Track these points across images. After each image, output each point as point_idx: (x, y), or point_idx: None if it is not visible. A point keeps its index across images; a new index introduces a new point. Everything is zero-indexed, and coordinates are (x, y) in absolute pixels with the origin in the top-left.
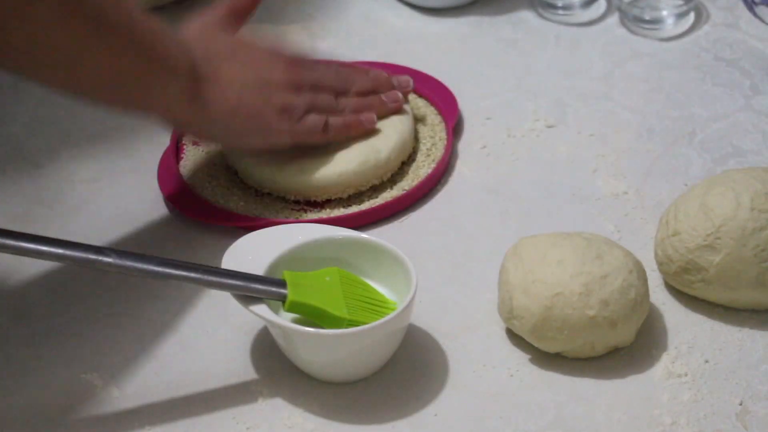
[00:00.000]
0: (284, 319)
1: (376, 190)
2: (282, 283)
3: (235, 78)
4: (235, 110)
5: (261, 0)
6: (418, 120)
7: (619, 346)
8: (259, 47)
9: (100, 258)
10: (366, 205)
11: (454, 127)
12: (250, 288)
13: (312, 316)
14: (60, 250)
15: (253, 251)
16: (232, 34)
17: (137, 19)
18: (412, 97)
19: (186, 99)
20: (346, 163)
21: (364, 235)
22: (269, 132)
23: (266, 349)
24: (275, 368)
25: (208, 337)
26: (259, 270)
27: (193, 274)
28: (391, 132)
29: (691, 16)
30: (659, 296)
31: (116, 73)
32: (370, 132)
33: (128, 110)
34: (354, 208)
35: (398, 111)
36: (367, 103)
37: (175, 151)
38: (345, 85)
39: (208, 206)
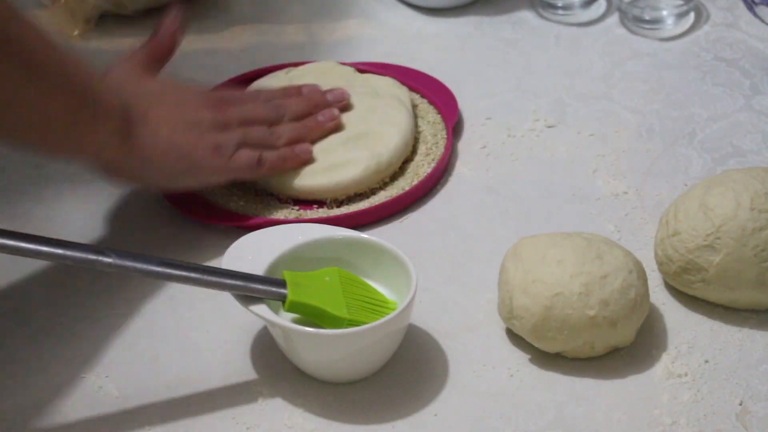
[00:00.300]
0: (284, 319)
1: (375, 189)
2: (282, 283)
3: (165, 119)
4: (166, 151)
5: (178, 46)
6: (418, 119)
7: (619, 346)
8: (186, 89)
9: (100, 258)
10: (365, 204)
11: (454, 127)
12: (250, 288)
13: (312, 316)
14: (60, 251)
15: (253, 251)
16: (154, 76)
17: (68, 62)
18: (412, 96)
19: (117, 141)
20: (346, 172)
21: (364, 235)
22: (201, 171)
23: (266, 349)
24: (275, 368)
25: (208, 337)
26: (259, 270)
27: (193, 274)
28: (393, 132)
29: (691, 16)
30: (659, 296)
31: (47, 116)
32: (375, 132)
33: (57, 155)
34: (354, 208)
35: (337, 128)
36: (303, 129)
37: None
38: (277, 113)
39: (208, 206)
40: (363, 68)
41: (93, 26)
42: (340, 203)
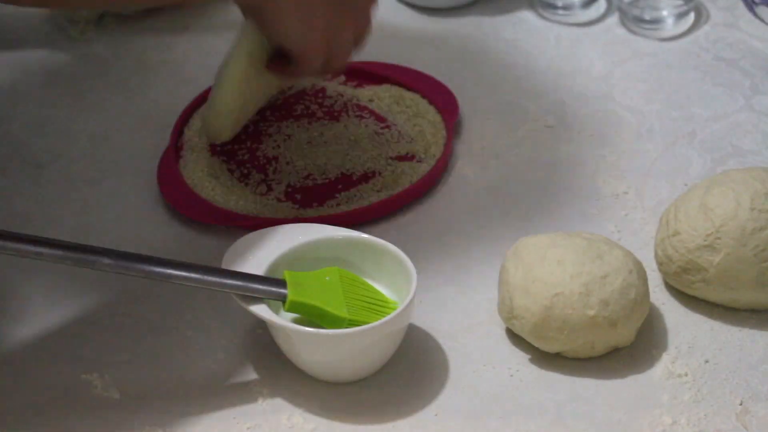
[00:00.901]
0: (284, 319)
1: (376, 188)
2: (282, 283)
3: None
4: (298, 4)
5: None
6: (418, 118)
7: (619, 346)
8: None
9: (100, 258)
10: (364, 203)
11: (454, 127)
12: (250, 288)
13: (312, 315)
14: (59, 251)
15: (253, 251)
16: None
17: None
18: (412, 95)
19: None
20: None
21: (364, 235)
22: (301, 38)
23: (266, 349)
24: (275, 368)
25: (208, 337)
26: (259, 270)
27: (193, 274)
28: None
29: (691, 16)
30: (659, 296)
31: None
32: None
33: None
34: (353, 205)
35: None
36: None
37: (174, 151)
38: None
39: (208, 206)
40: (361, 67)
41: (93, 26)
42: (338, 203)
